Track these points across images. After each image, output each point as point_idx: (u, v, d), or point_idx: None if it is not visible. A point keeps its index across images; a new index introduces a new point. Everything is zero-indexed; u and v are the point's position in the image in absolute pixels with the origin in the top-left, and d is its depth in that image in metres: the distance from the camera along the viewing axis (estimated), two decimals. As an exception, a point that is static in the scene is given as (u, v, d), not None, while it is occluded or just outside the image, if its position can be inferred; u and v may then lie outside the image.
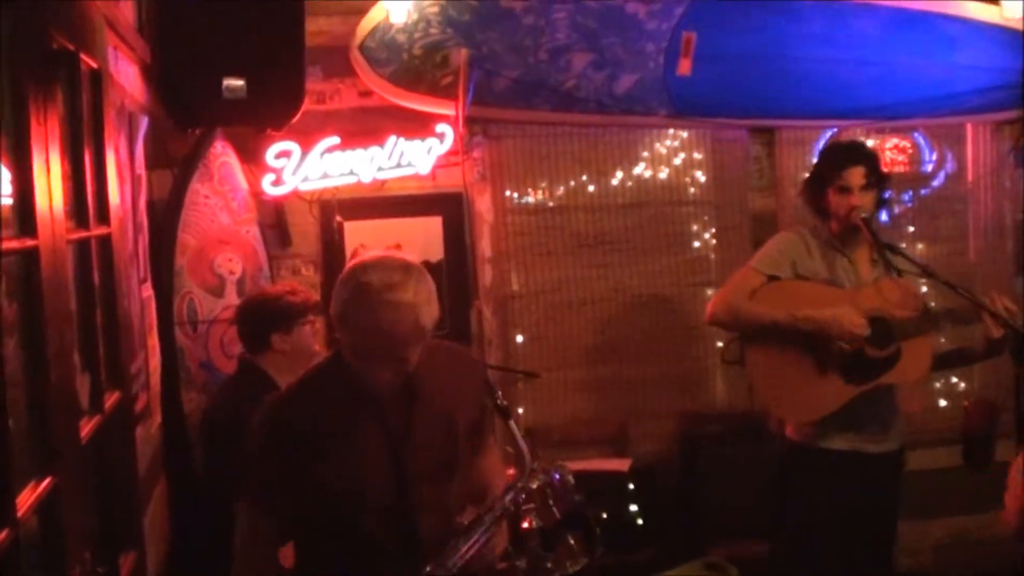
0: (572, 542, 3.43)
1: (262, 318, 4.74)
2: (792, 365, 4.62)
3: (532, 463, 3.25)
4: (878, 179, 4.70)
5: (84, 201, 3.36)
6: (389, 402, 3.16)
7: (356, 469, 3.12)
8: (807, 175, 4.93)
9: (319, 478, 3.09)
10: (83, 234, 3.32)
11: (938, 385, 6.88)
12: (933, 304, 5.09)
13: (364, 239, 5.88)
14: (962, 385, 6.89)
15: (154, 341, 4.83)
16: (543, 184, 6.36)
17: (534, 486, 3.29)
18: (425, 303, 3.02)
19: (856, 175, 4.65)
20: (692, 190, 6.53)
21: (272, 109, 4.55)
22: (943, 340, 5.29)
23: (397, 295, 2.97)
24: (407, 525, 3.18)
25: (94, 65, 3.57)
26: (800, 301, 4.60)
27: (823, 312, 4.52)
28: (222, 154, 5.36)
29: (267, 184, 5.65)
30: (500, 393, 3.40)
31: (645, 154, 6.45)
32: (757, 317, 4.62)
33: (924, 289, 5.45)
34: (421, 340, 3.07)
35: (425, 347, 3.15)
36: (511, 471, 3.43)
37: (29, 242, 2.55)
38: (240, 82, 4.28)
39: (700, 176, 6.52)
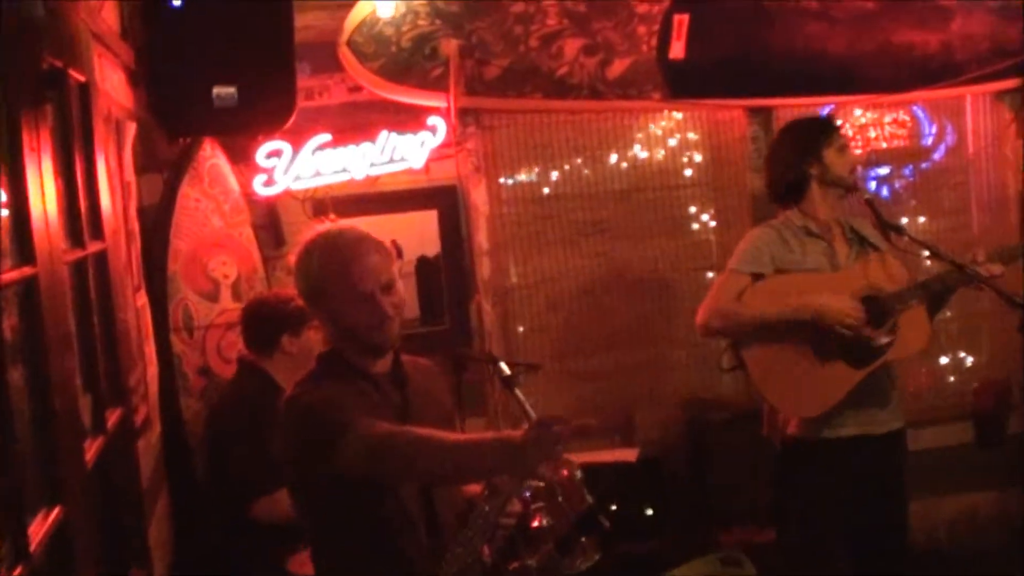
0: (584, 541, 3.46)
1: (273, 319, 4.82)
2: (792, 360, 4.60)
3: None
4: None
5: (78, 219, 3.38)
6: (388, 386, 3.28)
7: None
8: (777, 165, 4.90)
9: None
10: (79, 254, 3.34)
11: (945, 361, 6.91)
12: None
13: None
14: (970, 360, 6.93)
15: (151, 350, 4.86)
16: (538, 173, 6.39)
17: (541, 484, 3.34)
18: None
19: (845, 133, 4.76)
20: (689, 172, 6.56)
21: (264, 115, 4.55)
22: (948, 314, 5.34)
23: (372, 238, 3.25)
24: (427, 501, 3.25)
25: (82, 79, 3.60)
26: (789, 294, 4.58)
27: (815, 299, 4.53)
28: (211, 156, 5.38)
29: (258, 184, 5.65)
30: (503, 364, 3.48)
31: (640, 138, 6.48)
32: (751, 318, 4.60)
33: (928, 264, 5.50)
34: (399, 294, 3.23)
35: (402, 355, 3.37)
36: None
37: (28, 270, 2.58)
38: (231, 89, 4.28)
39: (697, 159, 6.55)
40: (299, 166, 5.69)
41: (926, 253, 4.86)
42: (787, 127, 5.01)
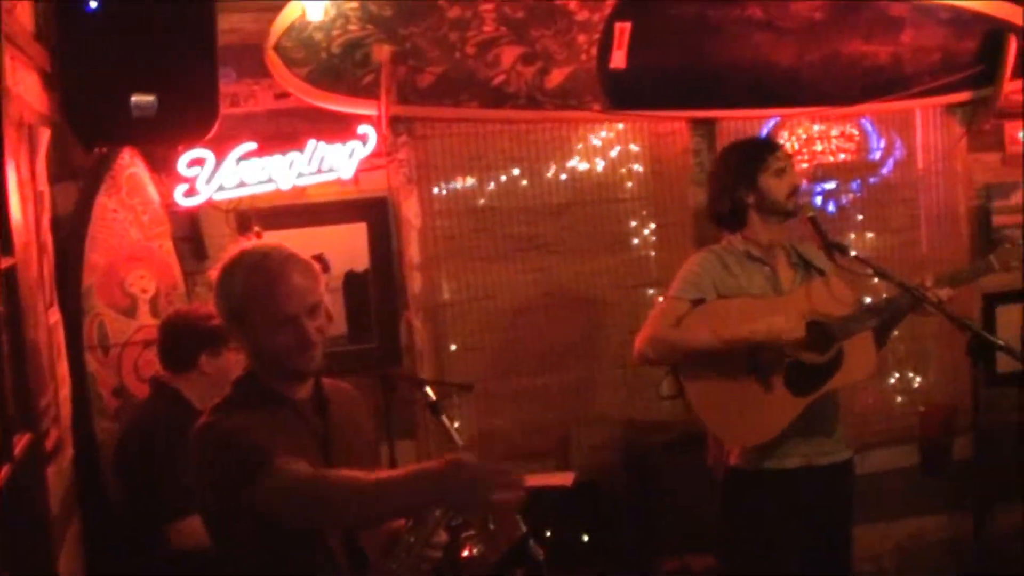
0: (518, 571, 3.47)
1: (191, 336, 4.77)
2: (733, 389, 4.65)
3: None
4: None
5: (-14, 234, 3.35)
6: (308, 412, 3.29)
7: None
8: (714, 192, 4.96)
9: None
10: (-14, 271, 3.31)
11: (893, 381, 6.97)
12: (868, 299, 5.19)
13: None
14: (918, 380, 6.99)
15: (63, 369, 4.81)
16: (473, 185, 6.38)
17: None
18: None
19: (785, 156, 4.82)
20: (630, 184, 6.57)
21: (185, 124, 4.51)
22: (896, 333, 5.40)
23: (299, 258, 3.25)
24: (349, 533, 3.25)
25: (-9, 84, 3.56)
26: (730, 320, 4.62)
27: (755, 324, 4.57)
28: (130, 165, 5.34)
29: (179, 195, 5.59)
30: (429, 389, 3.50)
31: (580, 149, 6.49)
32: (689, 344, 4.64)
33: (868, 299, 5.54)
34: (324, 317, 3.24)
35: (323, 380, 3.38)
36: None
37: (-69, 290, 2.55)
38: (150, 97, 4.25)
39: (638, 172, 6.56)
40: (222, 176, 5.64)
41: (872, 272, 4.91)
42: (724, 151, 5.06)
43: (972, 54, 6.62)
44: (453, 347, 6.39)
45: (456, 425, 6.17)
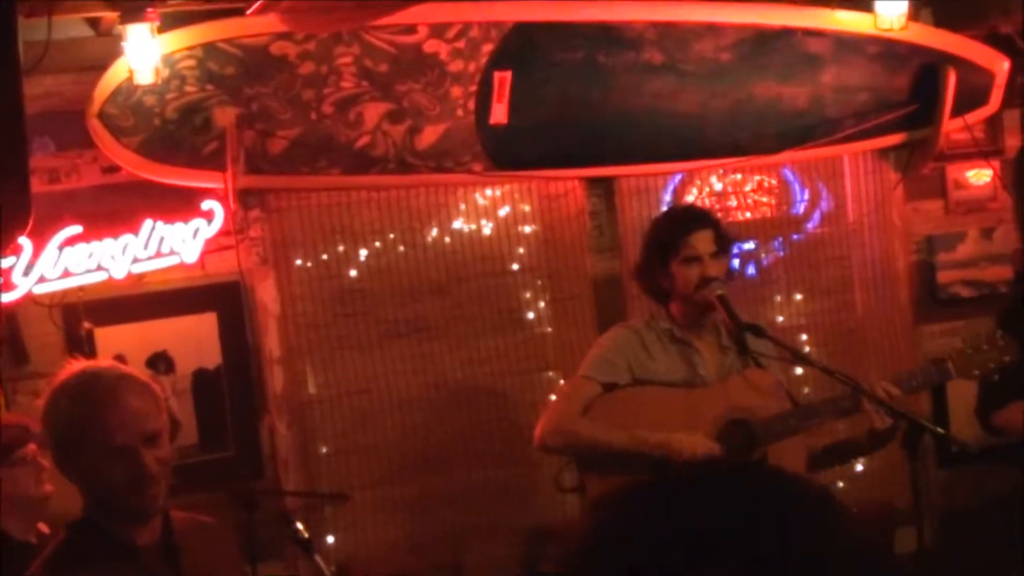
0: None
1: None
2: None
3: None
4: (726, 246, 4.81)
5: None
6: (155, 563, 3.22)
7: None
8: (637, 270, 5.00)
9: None
10: None
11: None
12: (807, 390, 5.20)
13: (121, 347, 5.80)
14: (859, 465, 7.03)
15: None
16: (339, 263, 6.40)
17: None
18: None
19: (704, 240, 4.72)
20: (521, 251, 6.63)
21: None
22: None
23: (136, 379, 3.19)
24: None
25: None
26: (643, 412, 4.66)
27: (672, 439, 4.56)
28: (-72, 257, 5.31)
29: (-8, 290, 5.59)
30: (300, 525, 3.50)
31: (461, 220, 6.55)
32: (595, 442, 4.66)
33: (799, 371, 5.57)
34: (167, 449, 3.19)
35: (176, 516, 3.31)
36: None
37: None
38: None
39: (529, 236, 6.64)
40: (43, 265, 5.61)
41: (791, 359, 4.93)
42: (650, 225, 5.05)
43: (905, 92, 6.73)
44: (324, 450, 6.40)
45: (331, 541, 6.24)
